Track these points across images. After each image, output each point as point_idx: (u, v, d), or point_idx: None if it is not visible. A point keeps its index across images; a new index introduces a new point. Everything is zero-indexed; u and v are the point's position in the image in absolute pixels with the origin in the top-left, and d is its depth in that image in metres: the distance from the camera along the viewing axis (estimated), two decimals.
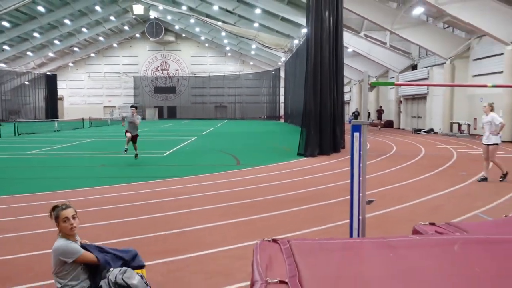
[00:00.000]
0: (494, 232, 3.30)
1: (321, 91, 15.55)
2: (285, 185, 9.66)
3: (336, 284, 2.39)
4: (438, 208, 7.33)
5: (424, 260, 2.76)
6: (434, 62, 29.61)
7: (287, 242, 3.09)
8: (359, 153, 3.92)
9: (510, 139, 20.63)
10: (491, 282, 2.40)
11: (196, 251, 5.07)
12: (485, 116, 10.03)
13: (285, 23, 38.06)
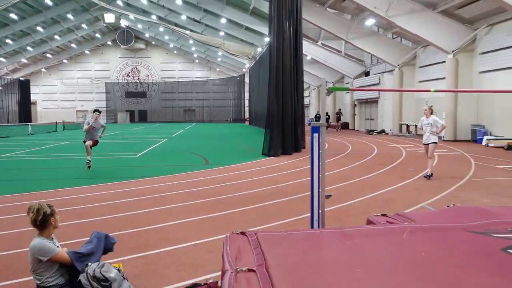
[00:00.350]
0: (437, 221, 3.46)
1: (283, 95, 15.71)
2: (251, 182, 9.73)
3: (298, 270, 2.47)
4: (389, 201, 7.56)
5: (376, 247, 2.89)
6: (384, 69, 30.35)
7: (254, 234, 3.15)
8: (318, 152, 4.02)
9: (452, 138, 21.44)
10: (434, 264, 2.53)
11: (169, 246, 5.06)
12: (425, 118, 10.18)
13: (249, 32, 38.15)
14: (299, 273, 2.44)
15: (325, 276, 2.36)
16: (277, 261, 2.61)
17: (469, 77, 21.29)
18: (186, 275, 4.10)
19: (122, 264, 3.55)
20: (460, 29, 21.31)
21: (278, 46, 15.62)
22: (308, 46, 33.57)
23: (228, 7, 33.59)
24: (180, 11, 37.69)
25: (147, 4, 38.88)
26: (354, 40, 27.38)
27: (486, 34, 20.39)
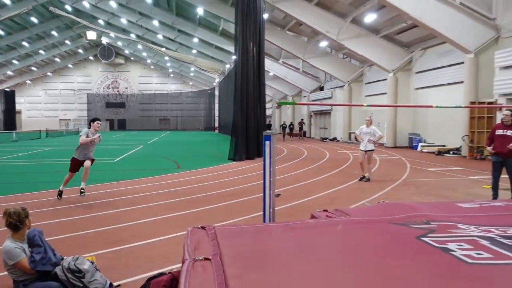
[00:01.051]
0: (368, 215, 3.63)
1: (247, 107, 15.85)
2: (218, 184, 9.77)
3: (248, 258, 2.57)
4: (335, 199, 7.79)
5: (316, 237, 3.02)
6: (336, 84, 31.05)
7: (212, 228, 3.22)
8: (270, 158, 4.13)
9: (393, 145, 22.16)
10: (361, 251, 2.69)
11: (140, 241, 5.04)
12: (365, 127, 10.18)
13: (219, 50, 38.20)
14: (248, 260, 2.53)
15: (270, 263, 2.47)
16: (230, 251, 2.69)
17: (406, 93, 22.12)
18: (155, 266, 4.11)
19: (95, 257, 3.54)
20: (399, 52, 22.15)
21: (243, 64, 15.77)
22: (271, 64, 34.00)
23: (200, 28, 33.56)
24: (157, 30, 37.34)
25: (127, 23, 38.30)
26: (310, 59, 27.93)
27: (421, 56, 21.28)
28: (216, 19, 28.77)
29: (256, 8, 16.65)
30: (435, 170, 12.36)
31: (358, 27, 21.71)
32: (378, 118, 24.46)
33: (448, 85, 18.78)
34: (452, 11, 15.26)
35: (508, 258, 2.42)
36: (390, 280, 2.16)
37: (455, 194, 8.25)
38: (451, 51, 18.01)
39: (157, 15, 32.43)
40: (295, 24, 25.51)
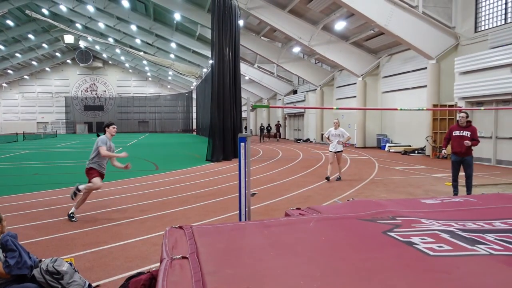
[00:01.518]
0: (338, 212, 3.70)
1: (223, 109, 15.82)
2: (195, 184, 9.70)
3: (224, 255, 2.57)
4: (308, 197, 7.86)
5: (289, 233, 3.06)
6: (309, 88, 31.40)
7: (189, 227, 3.21)
8: (245, 159, 4.15)
9: (362, 145, 22.59)
10: (330, 245, 2.74)
11: (119, 241, 4.95)
12: (333, 129, 10.18)
13: (196, 55, 37.94)
14: (224, 257, 2.54)
15: (245, 259, 2.48)
16: (207, 249, 2.69)
17: (374, 96, 22.61)
18: (133, 266, 4.05)
19: (74, 258, 3.45)
20: (367, 57, 22.61)
21: (219, 68, 15.73)
22: (246, 68, 34.04)
23: (177, 33, 33.24)
24: (135, 35, 36.73)
25: (104, 28, 37.48)
26: (284, 64, 28.14)
27: (387, 62, 21.79)
28: (193, 25, 28.58)
29: (231, 15, 16.65)
30: (401, 168, 12.68)
31: (329, 33, 22.03)
32: (348, 120, 24.89)
33: (413, 89, 19.31)
34: (415, 20, 15.72)
35: (466, 250, 2.52)
36: (358, 272, 2.21)
37: (419, 191, 8.49)
38: (415, 57, 18.53)
39: (135, 20, 31.92)
40: (270, 30, 25.65)
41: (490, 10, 14.82)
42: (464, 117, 7.32)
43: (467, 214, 3.60)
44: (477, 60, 13.87)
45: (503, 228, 3.10)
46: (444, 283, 2.04)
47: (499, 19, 14.46)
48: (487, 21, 15.00)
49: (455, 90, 14.80)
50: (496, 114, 13.73)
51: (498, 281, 2.06)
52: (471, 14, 15.50)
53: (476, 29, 15.38)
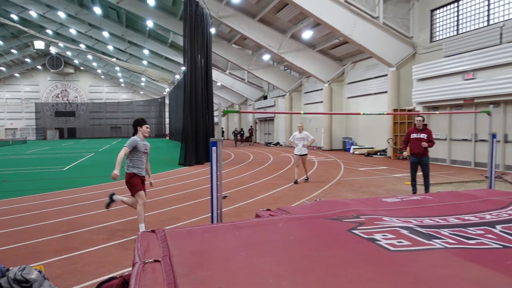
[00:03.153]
0: (306, 212, 3.74)
1: (196, 114, 15.68)
2: (168, 188, 9.54)
3: (196, 257, 2.54)
4: (278, 198, 7.90)
5: (260, 234, 3.06)
6: (278, 93, 31.67)
7: (162, 231, 3.16)
8: (216, 162, 4.13)
9: (329, 148, 22.98)
10: (298, 244, 2.77)
11: (91, 247, 4.78)
12: (297, 133, 10.23)
13: (168, 61, 37.47)
14: (196, 259, 2.51)
15: (217, 260, 2.47)
16: (179, 251, 2.66)
17: (340, 101, 23.09)
18: (105, 271, 3.93)
19: (43, 266, 3.31)
20: (333, 65, 23.09)
21: (192, 74, 15.60)
22: (218, 74, 33.96)
23: (150, 40, 32.73)
24: (107, 41, 35.83)
25: (76, 34, 36.34)
26: (254, 71, 28.28)
27: (351, 69, 22.33)
28: (165, 32, 28.22)
29: (203, 23, 16.58)
30: (365, 169, 12.99)
31: (297, 42, 22.35)
32: (316, 124, 25.29)
33: (375, 94, 19.87)
34: (377, 30, 16.21)
35: (423, 245, 2.61)
36: (324, 269, 2.25)
37: (381, 190, 8.72)
38: (376, 64, 19.10)
39: (107, 26, 31.15)
40: (240, 38, 25.72)
41: (444, 22, 15.51)
42: (421, 121, 7.60)
43: (424, 211, 3.74)
44: (433, 67, 14.46)
45: (457, 223, 3.24)
46: (403, 276, 2.11)
47: (452, 30, 15.15)
48: (441, 31, 15.68)
49: (413, 95, 15.35)
50: (450, 118, 14.34)
51: (452, 273, 2.15)
52: (427, 25, 16.17)
53: (431, 39, 16.05)
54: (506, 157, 12.20)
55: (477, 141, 13.32)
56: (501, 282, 2.01)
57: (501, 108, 12.19)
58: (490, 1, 13.46)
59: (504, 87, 11.56)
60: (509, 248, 2.57)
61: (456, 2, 14.83)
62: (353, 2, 15.82)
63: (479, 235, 2.84)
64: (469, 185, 9.44)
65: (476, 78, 12.68)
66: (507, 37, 12.20)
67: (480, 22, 13.90)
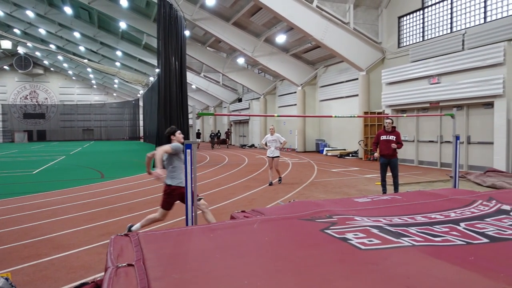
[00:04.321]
0: (280, 213, 3.76)
1: (170, 117, 15.48)
2: (142, 191, 9.35)
3: (170, 260, 2.51)
4: (253, 200, 7.92)
5: (234, 235, 3.06)
6: (253, 96, 31.78)
7: (136, 234, 3.10)
8: (191, 165, 4.09)
9: (303, 150, 23.24)
10: (273, 245, 2.79)
11: (61, 252, 4.62)
12: (269, 136, 10.25)
13: (142, 63, 36.83)
14: (170, 262, 2.48)
15: (192, 262, 2.44)
16: (154, 255, 2.61)
17: (313, 104, 23.42)
18: (76, 277, 3.81)
19: (10, 273, 3.17)
20: (306, 68, 23.39)
21: (166, 77, 15.39)
22: (193, 77, 33.70)
23: (123, 42, 32.05)
24: (78, 42, 34.79)
25: (46, 34, 35.06)
26: (229, 73, 28.24)
27: (324, 73, 22.70)
28: (139, 34, 27.72)
29: (177, 25, 16.41)
30: (337, 170, 13.22)
31: (271, 45, 22.50)
32: (290, 126, 25.52)
33: (347, 97, 20.28)
34: (347, 35, 16.57)
35: (392, 243, 2.69)
36: (298, 269, 2.27)
37: (353, 191, 8.90)
38: (348, 69, 19.51)
39: (78, 27, 30.25)
40: (215, 41, 25.63)
41: (410, 28, 16.05)
42: (390, 123, 7.82)
43: (393, 210, 3.85)
44: (400, 72, 14.92)
45: (424, 221, 3.35)
46: (373, 273, 2.16)
47: (418, 36, 15.70)
48: (408, 37, 16.22)
49: (383, 98, 15.78)
50: (417, 121, 14.84)
51: (419, 269, 2.22)
52: (394, 32, 16.68)
53: (399, 44, 16.57)
54: (469, 157, 12.74)
55: (442, 142, 13.83)
56: (464, 277, 2.09)
57: (464, 111, 12.72)
58: (452, 10, 14.04)
59: (467, 91, 12.08)
60: (471, 244, 2.68)
61: (421, 10, 15.38)
62: (324, 8, 16.11)
63: (444, 233, 2.95)
64: (435, 184, 9.78)
65: (441, 82, 13.18)
66: (469, 44, 12.77)
67: (443, 29, 14.47)
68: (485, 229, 3.04)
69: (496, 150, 11.39)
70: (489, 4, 12.66)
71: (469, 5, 13.38)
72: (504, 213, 3.56)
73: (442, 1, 14.44)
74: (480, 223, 3.22)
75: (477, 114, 12.47)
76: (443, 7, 14.43)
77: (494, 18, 12.48)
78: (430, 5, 14.98)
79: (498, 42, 11.50)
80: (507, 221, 3.28)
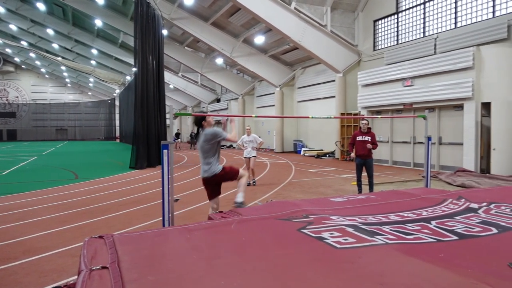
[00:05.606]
0: (257, 213, 3.77)
1: (147, 117, 15.25)
2: (118, 192, 9.16)
3: (146, 261, 2.47)
4: (231, 200, 7.78)
5: (212, 236, 3.04)
6: (232, 97, 31.70)
7: (110, 236, 3.03)
8: (168, 165, 4.04)
9: (281, 150, 23.37)
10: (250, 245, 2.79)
11: (32, 256, 4.46)
12: (246, 136, 10.19)
13: (119, 62, 36.10)
14: (146, 264, 2.44)
15: (167, 264, 2.41)
16: (129, 257, 2.56)
17: (290, 105, 23.59)
18: (48, 281, 3.69)
19: None
20: (284, 70, 23.55)
21: (143, 76, 15.15)
22: (171, 77, 33.30)
23: (99, 40, 31.33)
24: (52, 39, 33.74)
25: (17, 30, 33.81)
26: (207, 74, 28.08)
27: (301, 74, 22.91)
28: (115, 32, 27.17)
29: (155, 24, 16.19)
30: (314, 171, 13.37)
31: (249, 46, 22.53)
32: (268, 127, 25.61)
33: (324, 99, 20.55)
34: (325, 38, 16.79)
35: (367, 241, 2.74)
36: (275, 268, 2.28)
37: (329, 191, 9.03)
38: (325, 70, 19.76)
39: (52, 23, 29.32)
40: (193, 40, 25.43)
41: (385, 32, 16.43)
42: (366, 124, 7.98)
43: (368, 209, 3.93)
44: (376, 74, 15.24)
45: (397, 220, 3.44)
46: (348, 271, 2.20)
47: (392, 40, 16.09)
48: (383, 41, 16.59)
49: (359, 100, 16.08)
50: (392, 122, 15.20)
51: (392, 266, 2.27)
52: (370, 35, 17.03)
53: (374, 47, 16.93)
54: (441, 158, 13.16)
55: (415, 143, 14.23)
56: (435, 274, 2.16)
57: (436, 113, 13.13)
58: (425, 15, 14.47)
59: (438, 93, 12.47)
60: (442, 241, 2.77)
61: (396, 14, 15.77)
62: (302, 10, 16.27)
63: (416, 231, 3.04)
64: (408, 184, 10.05)
65: (414, 85, 13.55)
66: (440, 48, 13.19)
67: (417, 33, 14.89)
68: (454, 226, 3.14)
69: (466, 150, 11.81)
70: (459, 10, 13.12)
71: (441, 10, 13.82)
72: (472, 211, 3.70)
73: (415, 6, 14.86)
74: (450, 221, 3.33)
75: (448, 116, 12.90)
76: (417, 12, 14.84)
77: (464, 24, 12.95)
78: (404, 9, 15.39)
79: (468, 47, 11.93)
80: (475, 219, 3.40)
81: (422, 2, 14.57)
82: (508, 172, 10.78)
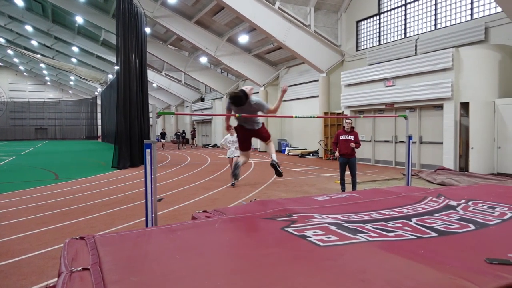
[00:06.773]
0: (241, 212, 3.77)
1: (130, 116, 15.04)
2: (100, 193, 9.01)
3: (129, 262, 2.44)
4: (215, 200, 7.87)
5: (196, 236, 3.03)
6: (216, 96, 31.58)
7: (92, 237, 2.99)
8: (151, 165, 4.00)
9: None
10: (234, 244, 2.79)
11: (10, 258, 4.34)
12: (229, 136, 9.99)
13: (100, 60, 35.45)
14: (129, 265, 2.41)
15: (151, 264, 2.39)
16: (111, 258, 2.53)
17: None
18: (28, 283, 3.60)
19: None
20: (268, 69, 23.59)
21: (125, 74, 14.92)
22: (154, 75, 32.95)
23: (79, 37, 30.68)
24: (30, 36, 32.84)
25: None
26: (191, 72, 27.88)
27: (286, 74, 23.00)
28: (96, 29, 26.66)
29: (137, 21, 15.97)
30: (299, 170, 13.45)
31: (233, 45, 22.47)
32: None
33: (308, 98, 20.68)
34: (308, 38, 16.90)
35: (349, 239, 2.77)
36: (259, 267, 2.29)
37: (313, 189, 9.10)
38: (309, 70, 19.89)
39: (31, 20, 28.55)
40: (177, 39, 25.21)
41: (368, 33, 16.65)
42: (349, 123, 8.08)
43: (351, 208, 3.98)
44: (358, 74, 15.43)
45: (379, 217, 3.49)
46: (331, 269, 2.22)
47: (374, 41, 16.32)
48: (365, 41, 16.82)
49: (342, 100, 16.25)
50: (374, 121, 15.43)
51: (374, 263, 2.31)
52: (353, 35, 17.23)
53: (357, 48, 17.14)
54: (422, 156, 13.43)
55: (397, 142, 14.48)
56: (416, 269, 2.20)
57: (417, 113, 13.39)
58: (406, 16, 14.74)
59: (419, 93, 12.72)
60: (422, 238, 2.83)
61: (378, 15, 16.01)
62: (286, 10, 16.33)
63: (397, 228, 3.09)
64: (390, 182, 10.22)
65: (395, 85, 13.79)
66: (421, 49, 13.46)
67: (398, 34, 15.15)
68: (434, 223, 3.22)
69: (445, 149, 12.09)
70: (439, 12, 13.41)
71: (421, 12, 14.10)
72: (451, 209, 3.79)
73: (397, 7, 15.12)
74: (429, 218, 3.41)
75: (429, 116, 13.17)
76: (398, 13, 15.10)
77: (444, 25, 13.24)
78: (386, 11, 15.63)
79: (447, 48, 12.21)
80: (453, 216, 3.49)
81: (403, 3, 14.83)
82: (485, 170, 11.09)
